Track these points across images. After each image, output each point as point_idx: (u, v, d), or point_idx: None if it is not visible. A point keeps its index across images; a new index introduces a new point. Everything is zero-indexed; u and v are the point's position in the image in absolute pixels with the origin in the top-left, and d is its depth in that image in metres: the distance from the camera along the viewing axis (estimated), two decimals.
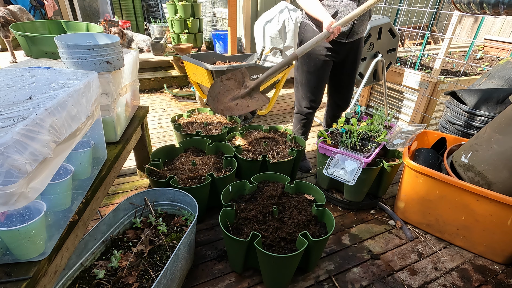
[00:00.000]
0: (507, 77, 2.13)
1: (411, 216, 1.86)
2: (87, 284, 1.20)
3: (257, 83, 1.79)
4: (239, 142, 2.28)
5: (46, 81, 0.99)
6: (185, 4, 4.78)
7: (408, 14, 4.15)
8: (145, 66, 4.36)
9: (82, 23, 2.77)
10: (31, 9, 4.62)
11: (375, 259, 1.63)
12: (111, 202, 1.98)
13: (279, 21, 4.07)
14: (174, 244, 1.38)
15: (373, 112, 2.40)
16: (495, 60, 3.81)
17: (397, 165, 1.87)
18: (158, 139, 2.84)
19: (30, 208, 0.88)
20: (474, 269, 1.59)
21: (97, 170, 1.28)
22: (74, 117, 0.95)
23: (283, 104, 3.86)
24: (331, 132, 2.02)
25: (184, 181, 1.80)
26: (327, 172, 1.80)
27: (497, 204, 1.45)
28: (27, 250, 0.84)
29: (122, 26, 5.45)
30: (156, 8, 6.83)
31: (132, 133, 1.70)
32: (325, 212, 1.54)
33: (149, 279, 1.22)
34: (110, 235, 1.41)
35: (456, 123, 2.11)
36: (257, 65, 2.88)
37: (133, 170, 2.31)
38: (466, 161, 1.60)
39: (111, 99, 1.39)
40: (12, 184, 0.69)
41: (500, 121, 1.53)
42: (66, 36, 1.41)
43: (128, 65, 1.61)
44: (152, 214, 1.52)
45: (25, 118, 0.74)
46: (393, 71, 3.08)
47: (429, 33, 3.72)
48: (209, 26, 5.96)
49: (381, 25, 2.59)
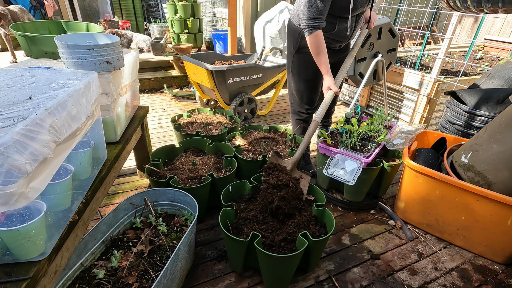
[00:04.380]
0: (507, 77, 2.12)
1: (411, 216, 1.86)
2: (87, 284, 1.20)
3: (293, 164, 1.74)
4: (239, 142, 2.28)
5: (46, 81, 0.99)
6: (185, 4, 4.78)
7: (408, 14, 4.15)
8: (145, 66, 4.36)
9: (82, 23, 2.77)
10: (31, 9, 4.62)
11: (375, 259, 1.63)
12: (111, 202, 1.98)
13: (279, 21, 4.07)
14: (174, 244, 1.38)
15: (373, 112, 2.40)
16: (495, 60, 3.81)
17: (397, 165, 1.87)
18: (158, 139, 2.84)
19: (30, 208, 0.88)
20: (474, 269, 1.59)
21: (97, 170, 1.28)
22: (74, 117, 0.95)
23: (283, 104, 3.86)
24: (331, 132, 2.02)
25: (184, 181, 1.80)
26: (327, 172, 1.80)
27: (497, 204, 1.45)
28: (27, 250, 0.84)
29: (122, 26, 5.45)
30: (156, 8, 6.83)
31: (132, 133, 1.70)
32: (325, 212, 1.54)
33: (149, 279, 1.22)
34: (110, 235, 1.41)
35: (456, 123, 2.11)
36: (257, 65, 2.88)
37: (133, 170, 2.31)
38: (466, 161, 1.60)
39: (111, 99, 1.39)
40: (12, 184, 0.69)
41: (500, 121, 1.53)
42: (66, 36, 1.41)
43: (128, 65, 1.61)
44: (152, 214, 1.52)
45: (25, 118, 0.74)
46: (393, 71, 3.08)
47: (429, 33, 3.72)
48: (209, 26, 5.96)
49: (381, 25, 2.59)
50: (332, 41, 1.85)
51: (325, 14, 1.64)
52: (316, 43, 1.66)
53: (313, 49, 1.69)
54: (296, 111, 2.19)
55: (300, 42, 1.87)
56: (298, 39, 1.87)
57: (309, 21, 1.62)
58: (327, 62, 1.72)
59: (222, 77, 2.72)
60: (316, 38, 1.65)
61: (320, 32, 1.65)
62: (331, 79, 1.74)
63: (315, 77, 1.97)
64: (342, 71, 1.85)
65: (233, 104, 2.88)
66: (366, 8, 1.77)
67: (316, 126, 1.74)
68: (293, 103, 2.19)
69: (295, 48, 1.91)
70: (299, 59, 1.94)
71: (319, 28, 1.64)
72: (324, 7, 1.60)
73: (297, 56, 1.94)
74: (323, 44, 1.68)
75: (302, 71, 1.98)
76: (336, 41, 1.86)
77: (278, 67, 3.07)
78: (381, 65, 2.76)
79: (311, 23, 1.62)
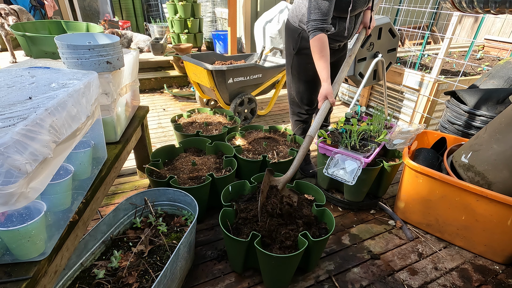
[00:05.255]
0: (507, 77, 2.12)
1: (411, 216, 1.86)
2: (87, 284, 1.20)
3: (284, 183, 1.63)
4: (239, 142, 2.28)
5: (46, 81, 0.99)
6: (185, 4, 4.78)
7: (408, 14, 4.15)
8: (145, 66, 4.36)
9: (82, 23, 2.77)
10: (31, 9, 4.62)
11: (375, 259, 1.63)
12: (111, 202, 1.98)
13: (279, 21, 4.08)
14: (174, 244, 1.38)
15: (373, 112, 2.40)
16: (495, 60, 3.81)
17: (397, 165, 1.87)
18: (158, 139, 2.84)
19: (30, 208, 0.88)
20: (474, 269, 1.59)
21: (97, 170, 1.28)
22: (74, 117, 0.95)
23: (283, 104, 3.86)
24: (331, 132, 2.02)
25: (184, 181, 1.80)
26: (327, 172, 1.80)
27: (497, 204, 1.45)
28: (27, 250, 0.84)
29: (122, 26, 5.45)
30: (156, 8, 6.83)
31: (132, 133, 1.70)
32: (325, 212, 1.54)
33: (149, 279, 1.22)
34: (110, 235, 1.41)
35: (456, 123, 2.11)
36: (257, 65, 2.88)
37: (133, 170, 2.31)
38: (466, 161, 1.60)
39: (111, 99, 1.39)
40: (12, 184, 0.69)
41: (500, 121, 1.53)
42: (66, 36, 1.41)
43: (128, 65, 1.61)
44: (152, 214, 1.52)
45: (25, 118, 0.74)
46: (393, 71, 3.08)
47: (429, 33, 3.72)
48: (209, 26, 5.95)
49: (381, 25, 2.60)
50: (332, 41, 1.85)
51: (330, 16, 1.56)
52: (320, 46, 1.57)
53: (316, 53, 1.60)
54: (296, 112, 2.19)
55: (300, 43, 1.85)
56: (298, 40, 1.85)
57: (313, 23, 1.55)
58: (328, 68, 1.61)
59: (222, 77, 2.72)
60: (320, 41, 1.56)
61: (324, 36, 1.56)
62: (330, 88, 1.62)
63: (315, 78, 1.95)
64: (337, 81, 1.77)
65: (233, 104, 2.88)
66: (365, 8, 1.77)
67: (311, 142, 1.63)
68: (293, 104, 2.18)
69: (294, 49, 1.90)
70: (299, 60, 1.94)
71: (323, 31, 1.56)
72: (328, 8, 1.52)
73: (297, 57, 1.93)
74: (326, 48, 1.58)
75: (302, 72, 1.97)
76: (336, 41, 1.86)
77: (278, 67, 3.07)
78: (381, 65, 2.76)
79: (315, 25, 1.55)
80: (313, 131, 1.62)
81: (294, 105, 2.17)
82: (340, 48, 2.01)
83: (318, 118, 1.63)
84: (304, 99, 2.07)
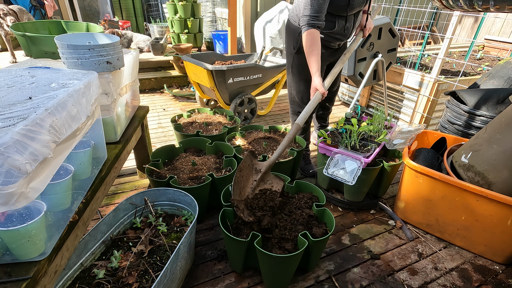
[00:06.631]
0: (507, 77, 2.12)
1: (411, 216, 1.86)
2: (87, 284, 1.20)
3: (268, 167, 1.66)
4: (239, 142, 2.28)
5: (46, 81, 0.99)
6: (185, 4, 4.78)
7: (408, 14, 4.15)
8: (145, 66, 4.36)
9: (82, 23, 2.77)
10: (31, 9, 4.62)
11: (375, 259, 1.63)
12: (111, 202, 1.98)
13: (279, 21, 4.08)
14: (174, 244, 1.38)
15: (373, 112, 2.40)
16: (495, 60, 3.81)
17: (397, 165, 1.87)
18: (158, 139, 2.84)
19: (30, 208, 0.88)
20: (474, 269, 1.59)
21: (97, 170, 1.28)
22: (74, 117, 0.95)
23: (283, 104, 3.86)
24: (331, 132, 2.02)
25: (184, 181, 1.80)
26: (327, 172, 1.80)
27: (497, 204, 1.45)
28: (27, 250, 0.84)
29: (122, 26, 5.45)
30: (156, 8, 6.83)
31: (132, 133, 1.70)
32: (325, 212, 1.54)
33: (149, 279, 1.22)
34: (110, 235, 1.41)
35: (456, 123, 2.11)
36: (257, 65, 2.88)
37: (133, 170, 2.31)
38: (466, 161, 1.60)
39: (111, 99, 1.39)
40: (12, 184, 0.69)
41: (500, 121, 1.53)
42: (66, 36, 1.41)
43: (128, 65, 1.61)
44: (152, 214, 1.52)
45: (25, 118, 0.74)
46: (393, 71, 3.08)
47: (429, 33, 3.72)
48: (209, 26, 5.96)
49: (381, 25, 2.60)
50: (333, 40, 1.85)
51: (324, 13, 1.62)
52: (310, 41, 1.64)
53: (306, 47, 1.67)
54: (296, 111, 2.19)
55: (300, 42, 1.86)
56: (298, 39, 1.86)
57: (305, 19, 1.62)
58: (318, 62, 1.69)
59: (222, 77, 2.72)
60: (311, 36, 1.63)
61: (315, 31, 1.63)
62: (320, 80, 1.69)
63: None
64: (331, 75, 1.81)
65: (233, 104, 2.88)
66: (363, 7, 1.79)
67: (297, 130, 1.67)
68: (293, 104, 2.18)
69: (295, 48, 1.91)
70: (299, 59, 1.94)
71: (315, 27, 1.62)
72: (321, 5, 1.59)
73: (298, 56, 1.94)
74: (317, 43, 1.65)
75: (303, 71, 1.97)
76: (336, 39, 1.87)
77: (278, 67, 3.07)
78: (381, 65, 2.76)
79: (307, 20, 1.62)
80: (300, 120, 1.67)
81: (295, 105, 2.17)
82: (341, 48, 2.02)
83: (308, 107, 1.68)
84: (304, 98, 2.07)
